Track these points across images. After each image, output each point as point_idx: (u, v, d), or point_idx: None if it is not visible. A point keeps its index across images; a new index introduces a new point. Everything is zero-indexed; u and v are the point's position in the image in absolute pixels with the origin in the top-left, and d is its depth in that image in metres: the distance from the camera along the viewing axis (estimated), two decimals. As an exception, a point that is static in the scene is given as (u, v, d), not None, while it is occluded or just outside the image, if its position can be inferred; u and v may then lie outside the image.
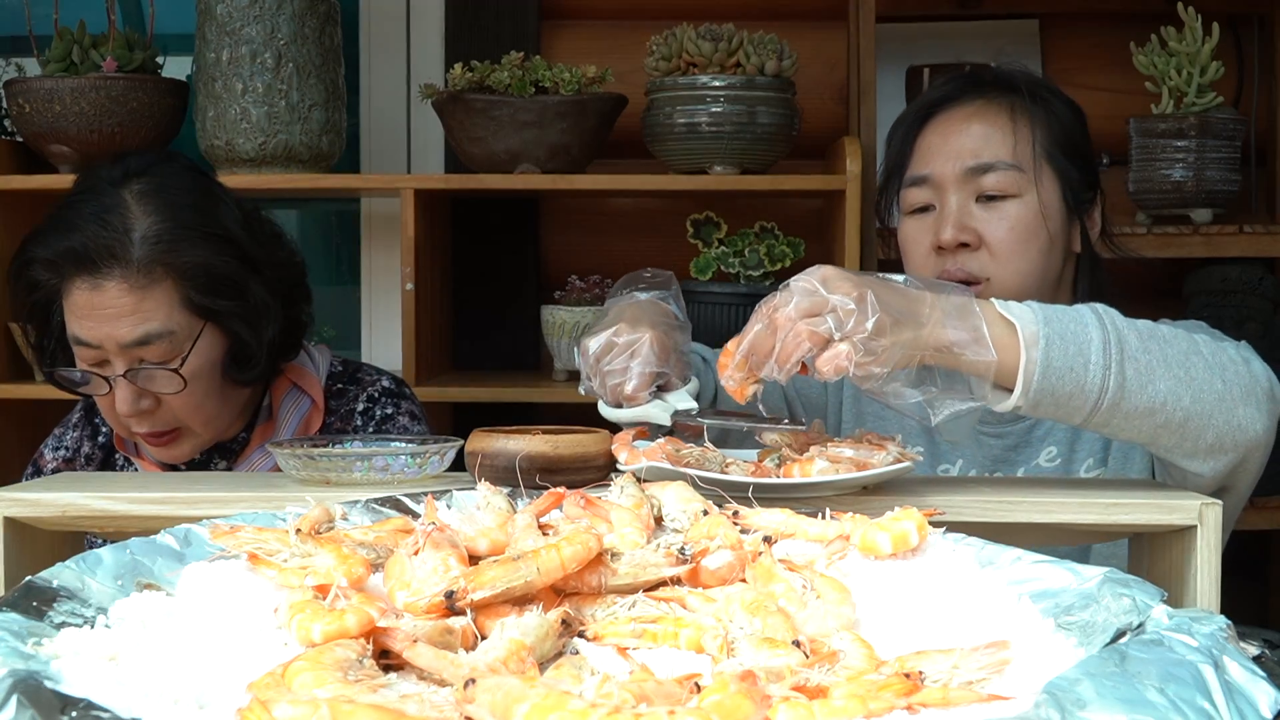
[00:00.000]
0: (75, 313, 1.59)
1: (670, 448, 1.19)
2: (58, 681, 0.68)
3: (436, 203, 2.57)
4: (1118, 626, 0.78)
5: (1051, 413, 1.24)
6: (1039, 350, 1.20)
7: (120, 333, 1.57)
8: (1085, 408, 1.22)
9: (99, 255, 1.56)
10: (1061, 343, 1.21)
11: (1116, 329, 1.24)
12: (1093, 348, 1.21)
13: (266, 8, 2.35)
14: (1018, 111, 1.64)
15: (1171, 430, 1.26)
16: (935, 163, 1.65)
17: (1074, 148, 1.66)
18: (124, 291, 1.57)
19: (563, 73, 2.36)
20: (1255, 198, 2.67)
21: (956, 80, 1.72)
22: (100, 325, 1.58)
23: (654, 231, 2.76)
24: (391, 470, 1.28)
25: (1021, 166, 1.62)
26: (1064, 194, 1.64)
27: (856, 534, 0.97)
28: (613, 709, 0.64)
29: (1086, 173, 1.67)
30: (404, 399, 1.83)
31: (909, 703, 0.70)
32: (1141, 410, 1.23)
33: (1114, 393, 1.22)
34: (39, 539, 1.23)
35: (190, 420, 1.65)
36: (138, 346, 1.58)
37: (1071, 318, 1.23)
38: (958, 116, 1.66)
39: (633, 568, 0.91)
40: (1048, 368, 1.20)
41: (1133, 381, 1.22)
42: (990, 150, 1.62)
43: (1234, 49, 2.66)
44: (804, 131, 2.52)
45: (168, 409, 1.62)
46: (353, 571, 0.87)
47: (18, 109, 2.42)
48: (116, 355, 1.59)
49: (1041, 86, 1.69)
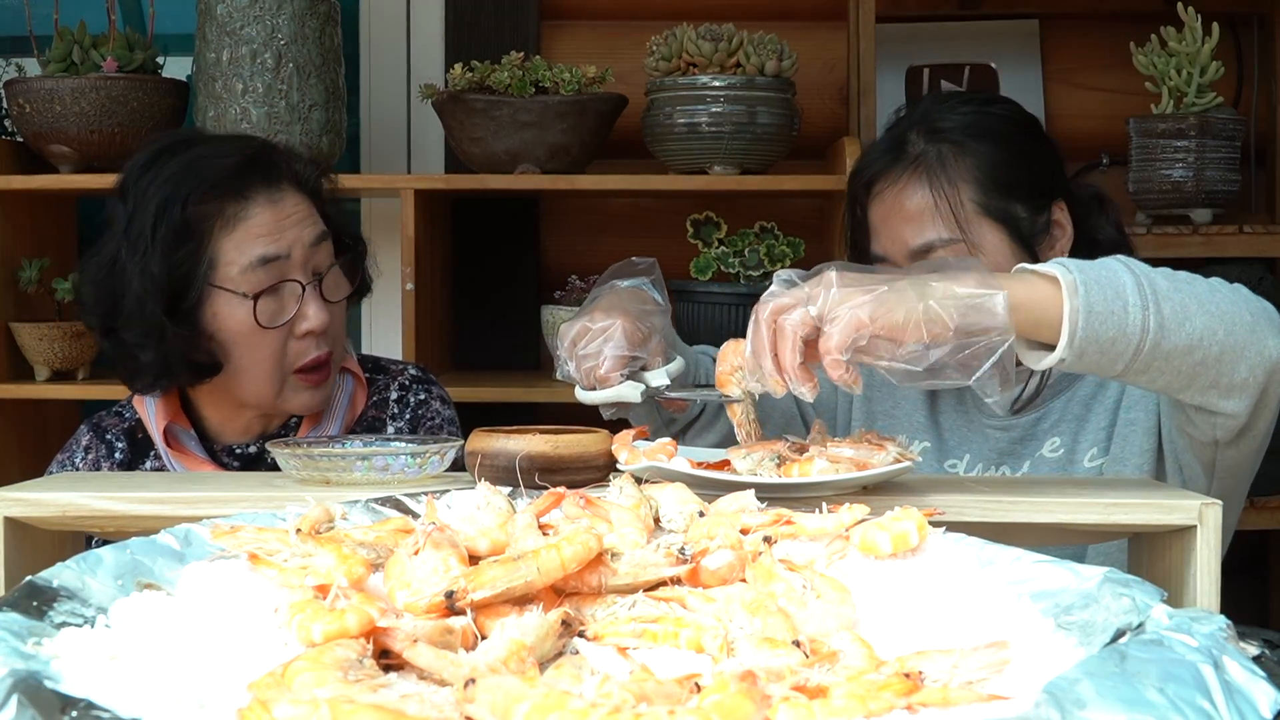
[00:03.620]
0: (257, 232, 1.62)
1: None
2: (58, 681, 0.68)
3: (436, 203, 2.57)
4: (1118, 626, 0.79)
5: (1095, 362, 1.22)
6: (1080, 297, 1.19)
7: (305, 234, 1.65)
8: (1128, 351, 1.21)
9: (272, 168, 1.66)
10: (1099, 288, 1.20)
11: (1144, 272, 1.24)
12: (1128, 290, 1.21)
13: (266, 8, 2.35)
14: (936, 183, 1.62)
15: (1209, 366, 1.25)
16: (885, 243, 1.66)
17: (1013, 182, 1.63)
18: (299, 200, 1.67)
19: (563, 73, 2.36)
20: (1255, 198, 2.67)
21: (882, 148, 1.70)
22: (287, 232, 1.64)
23: (654, 231, 2.76)
24: (391, 470, 1.28)
25: (960, 234, 1.61)
26: (1011, 237, 1.62)
27: (856, 534, 0.97)
28: (613, 709, 0.64)
29: (1035, 198, 1.64)
30: (433, 384, 1.86)
31: (909, 703, 0.70)
32: (1181, 348, 1.22)
33: (1155, 332, 1.21)
34: (39, 539, 1.23)
35: (338, 339, 1.72)
36: (317, 245, 1.67)
37: (1101, 265, 1.23)
38: (889, 195, 1.66)
39: (633, 568, 0.91)
40: (1090, 313, 1.19)
41: (1170, 319, 1.21)
42: (925, 230, 1.62)
43: (1234, 49, 2.67)
44: (804, 131, 2.52)
45: (334, 326, 1.70)
46: (353, 571, 0.87)
47: (18, 109, 2.42)
48: (300, 265, 1.65)
49: (961, 131, 1.65)
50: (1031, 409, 1.67)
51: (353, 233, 1.80)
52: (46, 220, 2.65)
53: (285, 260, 1.63)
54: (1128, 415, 1.61)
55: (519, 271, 2.75)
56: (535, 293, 2.73)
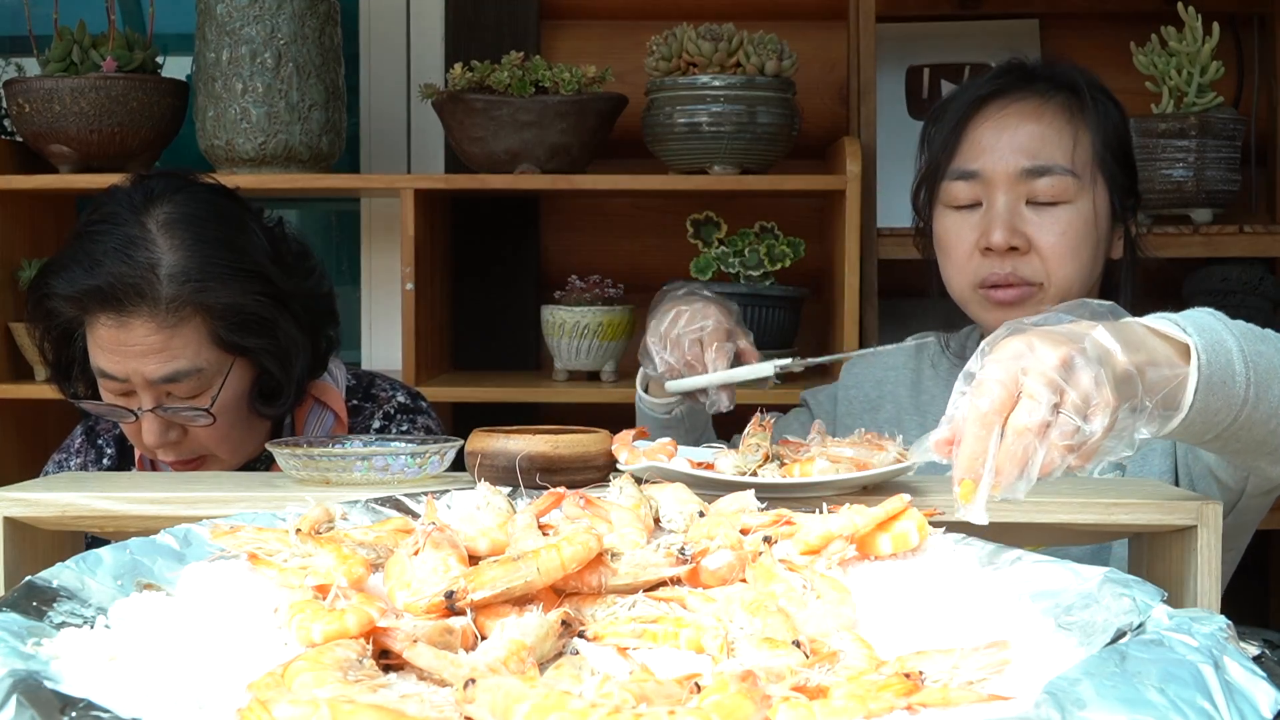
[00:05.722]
0: (100, 346, 1.55)
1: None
2: (58, 681, 0.68)
3: (436, 203, 2.57)
4: (1118, 626, 0.79)
5: (1198, 431, 1.08)
6: (1204, 368, 1.04)
7: (148, 369, 1.54)
8: (1225, 420, 1.08)
9: (124, 294, 1.51)
10: (1212, 353, 1.05)
11: (1241, 333, 1.09)
12: (1235, 357, 1.06)
13: (266, 8, 2.35)
14: (1076, 114, 1.58)
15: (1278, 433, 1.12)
16: (987, 158, 1.58)
17: (1123, 152, 1.61)
18: (151, 330, 1.52)
19: (563, 73, 2.36)
20: (1255, 198, 2.67)
21: (1010, 73, 1.64)
22: (127, 361, 1.54)
23: (654, 231, 2.76)
24: (391, 470, 1.28)
25: (1077, 172, 1.56)
26: (1112, 200, 1.59)
27: (847, 517, 0.97)
28: (613, 709, 0.64)
29: (1131, 178, 1.63)
30: (419, 414, 1.80)
31: (909, 703, 0.70)
32: (1263, 416, 1.09)
33: (1253, 402, 1.07)
34: (39, 539, 1.23)
35: (217, 449, 1.62)
36: (166, 383, 1.55)
37: (1208, 328, 1.07)
38: (1013, 113, 1.58)
39: (633, 568, 0.91)
40: (1209, 384, 1.04)
41: (1261, 388, 1.08)
42: (1047, 153, 1.56)
43: (1234, 49, 2.66)
44: (804, 131, 2.52)
45: (194, 438, 1.60)
46: (353, 571, 0.87)
47: (18, 109, 2.42)
48: (144, 390, 1.55)
49: (1096, 87, 1.62)
50: None
51: (281, 346, 1.61)
52: (46, 220, 2.65)
53: (125, 382, 1.56)
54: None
55: (519, 271, 2.75)
56: (535, 293, 2.72)
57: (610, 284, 2.49)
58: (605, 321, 2.44)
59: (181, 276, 1.53)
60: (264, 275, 1.58)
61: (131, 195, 1.58)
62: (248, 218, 1.63)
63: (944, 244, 1.63)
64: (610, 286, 2.48)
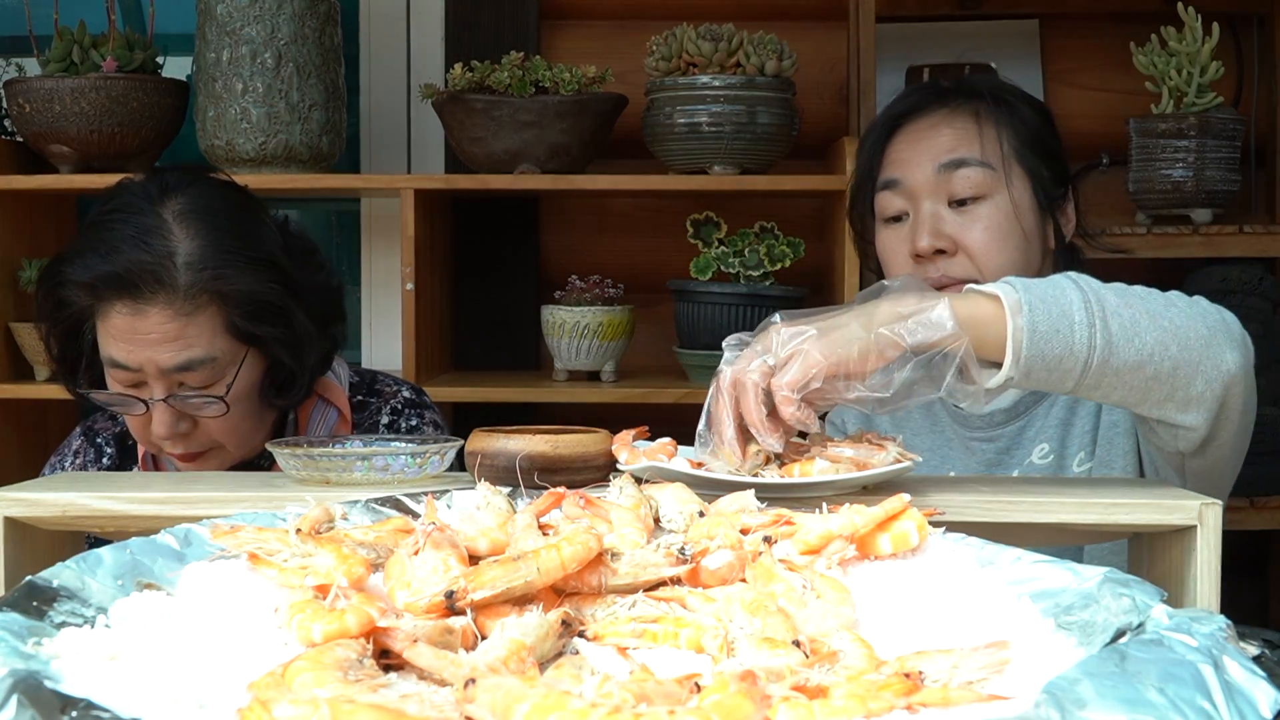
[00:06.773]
0: (113, 335, 1.54)
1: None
2: (58, 681, 0.68)
3: (437, 203, 2.57)
4: (1118, 626, 0.78)
5: (1044, 380, 1.23)
6: (1024, 316, 1.20)
7: (162, 358, 1.53)
8: (1076, 369, 1.22)
9: (142, 281, 1.51)
10: (1044, 306, 1.21)
11: (1094, 289, 1.24)
12: (1075, 308, 1.21)
13: (266, 8, 2.35)
14: (983, 114, 1.66)
15: (1162, 381, 1.26)
16: (906, 169, 1.66)
17: (1042, 146, 1.67)
18: (167, 318, 1.52)
19: (563, 73, 2.36)
20: (1255, 198, 2.67)
21: (920, 91, 1.73)
22: (140, 350, 1.53)
23: (654, 231, 2.76)
24: (391, 470, 1.28)
25: (991, 164, 1.63)
26: (1035, 191, 1.65)
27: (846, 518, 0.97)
28: (613, 709, 0.64)
29: (1056, 170, 1.68)
30: (426, 408, 1.81)
31: (909, 703, 0.70)
32: (1131, 364, 1.23)
33: (1102, 349, 1.22)
34: (39, 539, 1.23)
35: (226, 441, 1.62)
36: (179, 372, 1.54)
37: (1048, 284, 1.24)
38: (924, 125, 1.67)
39: (633, 568, 0.91)
40: (1034, 332, 1.20)
41: (1119, 336, 1.22)
42: (961, 147, 1.64)
43: (1234, 49, 2.67)
44: (804, 131, 2.52)
45: (204, 430, 1.59)
46: (353, 571, 0.87)
47: (18, 109, 2.43)
48: (156, 379, 1.54)
49: (1005, 90, 1.71)
50: (1015, 418, 1.67)
51: (297, 339, 1.62)
52: (46, 220, 2.65)
53: (137, 372, 1.55)
54: (1110, 417, 1.61)
55: (519, 271, 2.75)
56: (535, 293, 2.73)
57: (610, 284, 2.49)
58: (605, 321, 2.44)
59: (199, 264, 1.53)
60: (278, 265, 1.59)
61: (146, 187, 1.59)
62: (258, 207, 1.65)
63: (884, 258, 1.72)
64: (610, 286, 2.49)
